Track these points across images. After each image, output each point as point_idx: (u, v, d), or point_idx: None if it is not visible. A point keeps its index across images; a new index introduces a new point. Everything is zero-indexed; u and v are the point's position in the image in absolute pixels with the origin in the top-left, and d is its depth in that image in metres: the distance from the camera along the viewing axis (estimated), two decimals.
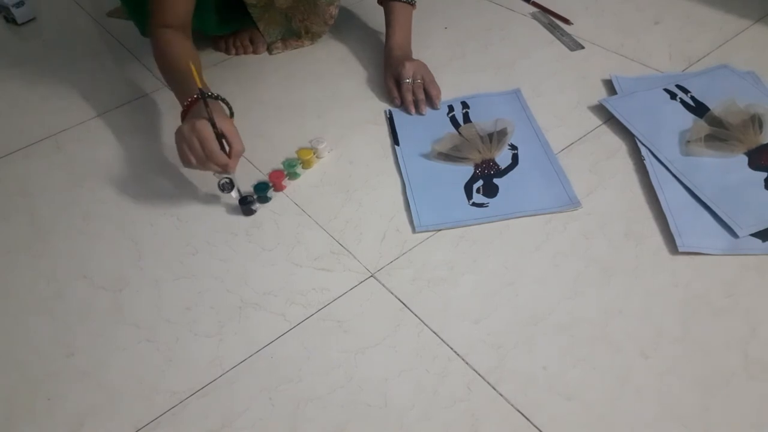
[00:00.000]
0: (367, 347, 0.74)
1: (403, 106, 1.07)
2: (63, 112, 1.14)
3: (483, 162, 0.95)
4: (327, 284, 0.81)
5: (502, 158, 0.97)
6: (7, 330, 0.80)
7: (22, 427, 0.70)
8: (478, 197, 0.91)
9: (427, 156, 0.98)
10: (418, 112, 1.06)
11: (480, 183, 0.93)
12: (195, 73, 0.83)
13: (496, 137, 0.98)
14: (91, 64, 1.26)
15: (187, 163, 0.84)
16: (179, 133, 0.84)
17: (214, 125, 0.82)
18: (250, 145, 1.02)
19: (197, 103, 0.85)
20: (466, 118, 1.04)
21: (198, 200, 0.94)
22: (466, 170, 0.95)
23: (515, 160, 0.96)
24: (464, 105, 1.07)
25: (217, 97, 0.87)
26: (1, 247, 0.90)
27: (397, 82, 1.09)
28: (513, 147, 0.98)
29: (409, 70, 1.07)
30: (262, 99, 1.11)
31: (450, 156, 0.97)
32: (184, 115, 0.87)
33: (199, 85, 0.83)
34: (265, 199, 0.92)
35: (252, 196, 0.91)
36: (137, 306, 0.81)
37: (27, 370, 0.75)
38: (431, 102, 1.07)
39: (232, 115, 0.90)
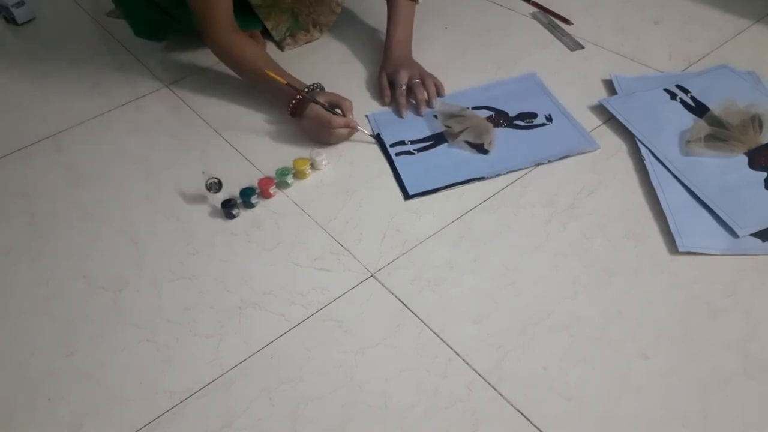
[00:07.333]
0: (368, 347, 0.74)
1: (393, 107, 1.07)
2: (63, 112, 1.13)
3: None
4: (327, 284, 0.81)
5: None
6: (7, 330, 0.80)
7: (22, 427, 0.70)
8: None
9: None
10: (417, 113, 1.05)
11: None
12: (277, 77, 0.99)
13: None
14: (91, 64, 1.25)
15: (327, 142, 1.00)
16: (305, 129, 1.01)
17: (322, 105, 0.97)
18: (251, 145, 1.03)
19: (302, 99, 0.99)
20: None
21: (198, 200, 0.94)
22: None
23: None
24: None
25: (311, 87, 1.00)
26: (1, 247, 0.90)
27: (392, 83, 1.08)
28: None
29: (404, 75, 1.07)
30: (264, 98, 1.10)
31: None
32: (295, 108, 1.00)
33: (298, 86, 0.99)
34: (249, 205, 0.91)
35: (236, 200, 0.90)
36: (137, 306, 0.81)
37: (27, 370, 0.75)
38: (428, 102, 1.06)
39: (322, 87, 1.03)
